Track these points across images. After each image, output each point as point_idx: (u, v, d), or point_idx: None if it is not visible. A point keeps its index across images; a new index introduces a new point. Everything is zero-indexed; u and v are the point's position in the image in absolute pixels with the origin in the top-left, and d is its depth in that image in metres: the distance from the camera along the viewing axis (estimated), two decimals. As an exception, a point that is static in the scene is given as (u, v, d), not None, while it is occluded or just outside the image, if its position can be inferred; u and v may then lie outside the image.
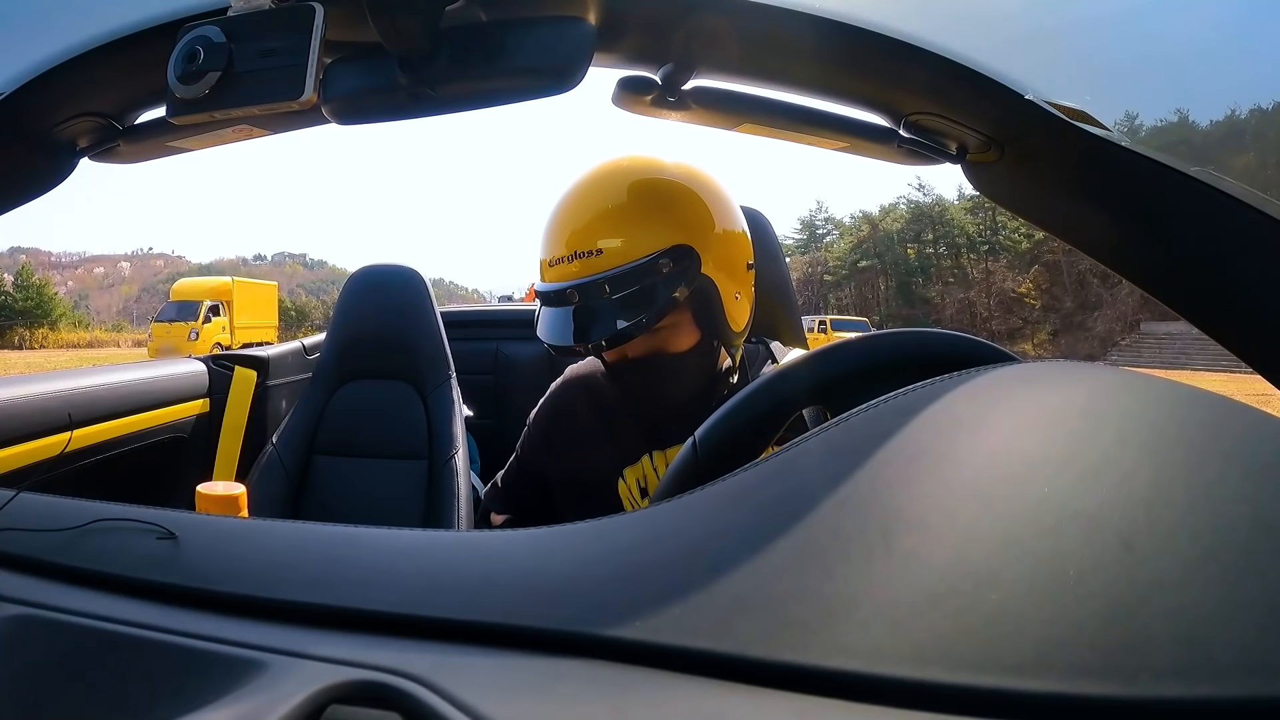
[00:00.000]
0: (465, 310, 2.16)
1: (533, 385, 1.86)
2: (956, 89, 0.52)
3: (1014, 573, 0.20)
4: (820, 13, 0.47)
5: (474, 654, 0.23)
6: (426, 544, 0.30)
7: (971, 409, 0.27)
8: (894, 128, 0.60)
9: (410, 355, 1.39)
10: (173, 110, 0.44)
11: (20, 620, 0.27)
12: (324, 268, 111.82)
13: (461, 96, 0.50)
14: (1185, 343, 23.28)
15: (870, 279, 41.26)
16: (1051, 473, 0.23)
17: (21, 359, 20.52)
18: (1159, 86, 0.48)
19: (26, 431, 0.97)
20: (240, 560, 0.30)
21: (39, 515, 0.33)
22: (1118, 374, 0.29)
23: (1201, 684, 0.17)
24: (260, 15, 0.43)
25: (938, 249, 39.79)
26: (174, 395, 1.30)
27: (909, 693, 0.18)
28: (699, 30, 0.52)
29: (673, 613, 0.22)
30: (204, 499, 0.55)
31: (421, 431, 1.34)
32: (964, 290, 37.34)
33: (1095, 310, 31.98)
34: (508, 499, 0.89)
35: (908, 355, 0.42)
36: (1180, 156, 0.44)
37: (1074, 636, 0.18)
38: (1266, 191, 0.42)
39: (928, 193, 40.65)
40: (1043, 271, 34.77)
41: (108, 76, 0.56)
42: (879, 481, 0.24)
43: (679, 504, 0.27)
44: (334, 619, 0.25)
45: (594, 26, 0.48)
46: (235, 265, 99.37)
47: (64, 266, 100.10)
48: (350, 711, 0.21)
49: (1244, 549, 0.19)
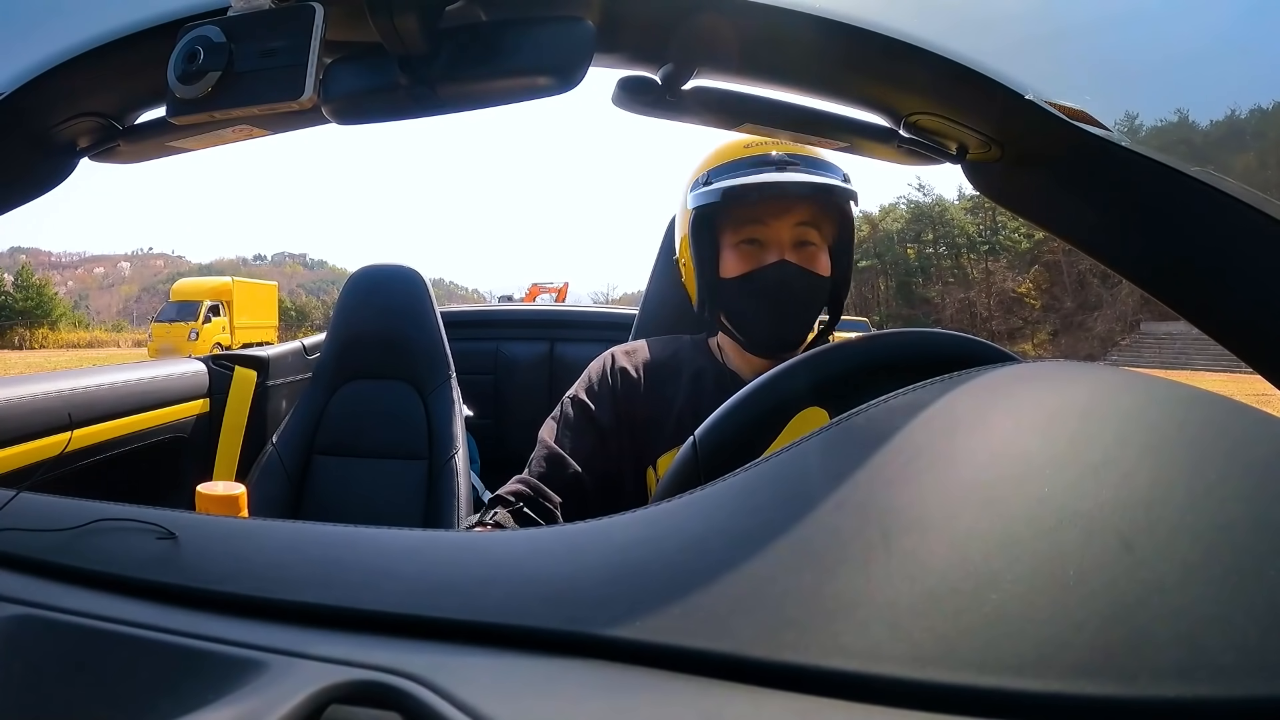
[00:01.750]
0: (465, 310, 2.16)
1: (533, 385, 1.86)
2: (956, 89, 0.52)
3: (1014, 573, 0.20)
4: (820, 13, 0.47)
5: (474, 654, 0.23)
6: (426, 544, 0.30)
7: (971, 409, 0.27)
8: (894, 128, 0.60)
9: (410, 355, 1.39)
10: (173, 110, 0.44)
11: (20, 620, 0.27)
12: (324, 268, 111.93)
13: (461, 96, 0.50)
14: (1185, 343, 23.27)
15: (870, 279, 41.25)
16: (1051, 473, 0.23)
17: (21, 359, 20.52)
18: (1159, 86, 0.48)
19: (26, 431, 0.97)
20: (240, 560, 0.30)
21: (39, 515, 0.33)
22: (1118, 374, 0.29)
23: (1201, 684, 0.17)
24: (260, 15, 0.43)
25: (938, 249, 39.78)
26: (174, 395, 1.30)
27: (909, 693, 0.18)
28: (699, 30, 0.52)
29: (673, 613, 0.22)
30: (204, 499, 0.55)
31: (421, 431, 1.34)
32: (964, 290, 37.33)
33: (1095, 310, 31.98)
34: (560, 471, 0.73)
35: (908, 355, 0.42)
36: (1180, 156, 0.44)
37: (1074, 636, 0.18)
38: (1266, 191, 0.42)
39: (928, 193, 40.69)
40: (1043, 271, 34.77)
41: (108, 76, 0.56)
42: (879, 481, 0.24)
43: (679, 504, 0.27)
44: (334, 619, 0.25)
45: (594, 26, 0.48)
46: (235, 265, 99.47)
47: (64, 266, 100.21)
48: (350, 711, 0.21)
49: (1244, 549, 0.19)
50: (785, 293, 0.73)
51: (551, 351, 1.90)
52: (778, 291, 0.73)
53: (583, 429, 0.76)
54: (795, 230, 0.74)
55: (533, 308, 2.21)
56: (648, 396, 0.78)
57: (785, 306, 0.74)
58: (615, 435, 0.76)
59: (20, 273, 36.95)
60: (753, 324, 0.75)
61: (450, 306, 2.06)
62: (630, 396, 0.78)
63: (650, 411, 0.77)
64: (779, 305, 0.74)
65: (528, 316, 2.06)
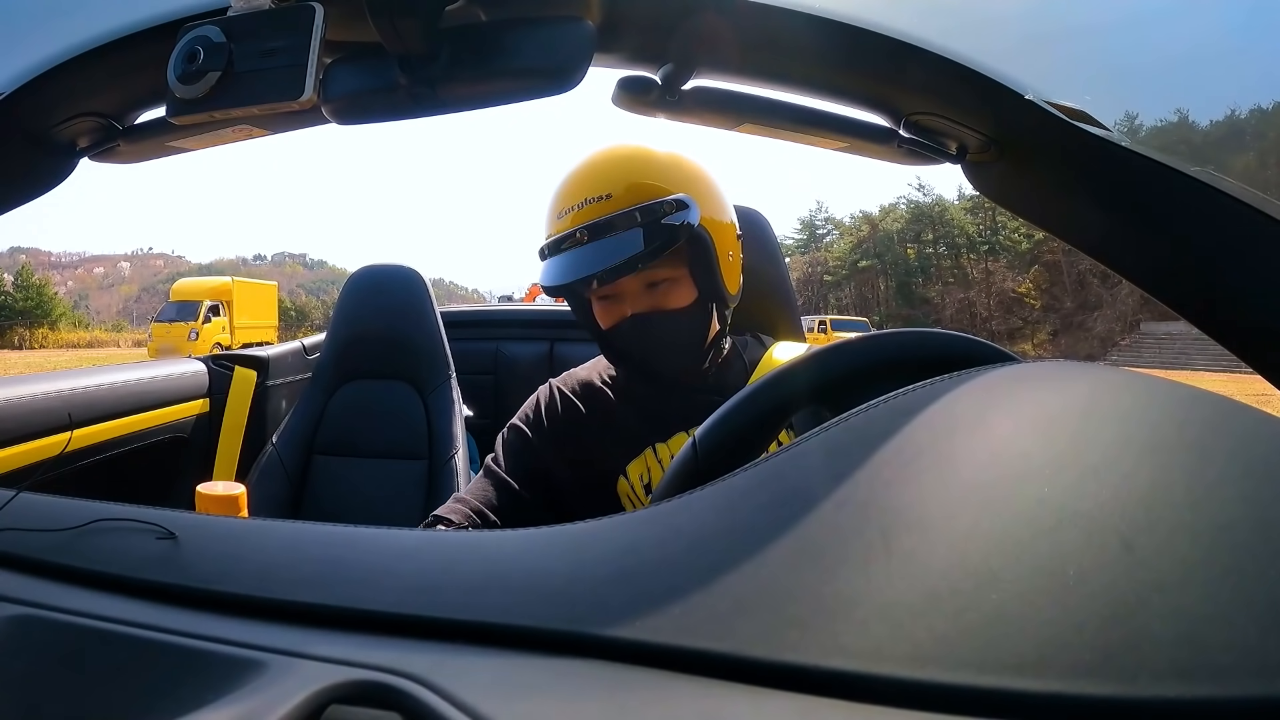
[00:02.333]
0: (465, 310, 2.16)
1: (533, 385, 1.85)
2: (956, 89, 0.52)
3: (1014, 573, 0.20)
4: (820, 13, 0.47)
5: (474, 654, 0.23)
6: (426, 544, 0.30)
7: (971, 409, 0.27)
8: (894, 128, 0.60)
9: (410, 355, 1.39)
10: (173, 110, 0.44)
11: (20, 620, 0.27)
12: (324, 268, 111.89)
13: (461, 96, 0.50)
14: (1185, 343, 23.27)
15: (870, 279, 41.26)
16: (1051, 473, 0.23)
17: (21, 359, 20.52)
18: (1159, 87, 0.48)
19: (26, 431, 0.97)
20: (240, 560, 0.30)
21: (39, 515, 0.33)
22: (1118, 374, 0.29)
23: (1201, 684, 0.17)
24: (260, 15, 0.43)
25: (938, 249, 39.79)
26: (174, 395, 1.30)
27: (909, 693, 0.18)
28: (699, 30, 0.52)
29: (673, 613, 0.22)
30: (204, 499, 0.55)
31: (421, 431, 1.34)
32: (964, 290, 37.34)
33: (1095, 310, 31.98)
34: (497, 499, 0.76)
35: (908, 355, 0.42)
36: (1180, 156, 0.44)
37: (1074, 636, 0.18)
38: (1266, 191, 0.42)
39: (928, 193, 40.70)
40: (1043, 271, 34.78)
41: (108, 76, 0.56)
42: (879, 481, 0.24)
43: (679, 504, 0.27)
44: (334, 619, 0.25)
45: (594, 26, 0.48)
46: (235, 265, 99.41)
47: (64, 266, 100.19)
48: (350, 711, 0.21)
49: (1244, 549, 0.19)
50: (647, 342, 0.74)
51: (551, 351, 1.90)
52: (641, 342, 0.74)
53: (520, 454, 0.79)
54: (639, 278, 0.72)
55: (533, 308, 2.21)
56: (592, 416, 0.79)
57: (652, 353, 0.74)
58: (559, 461, 0.78)
59: (20, 273, 36.96)
60: (637, 370, 0.78)
61: (450, 306, 2.06)
62: (573, 419, 0.80)
63: (599, 428, 0.78)
64: (646, 354, 0.75)
65: (528, 316, 2.06)
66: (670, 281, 0.73)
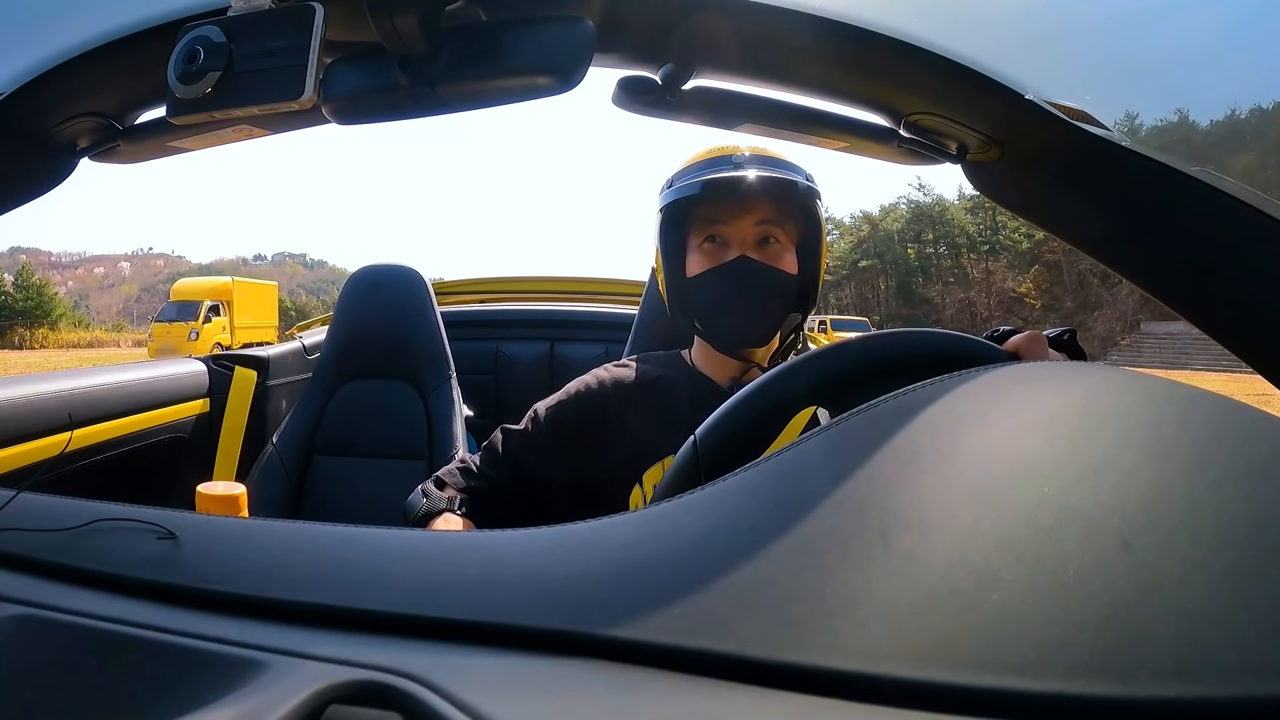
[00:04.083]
0: (465, 310, 2.15)
1: (533, 385, 1.85)
2: (956, 89, 0.52)
3: (1014, 573, 0.20)
4: (820, 13, 0.47)
5: (474, 654, 0.23)
6: (426, 544, 0.30)
7: (971, 409, 0.27)
8: (894, 128, 0.60)
9: (410, 355, 1.39)
10: (173, 110, 0.44)
11: (20, 620, 0.27)
12: (324, 268, 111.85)
13: (461, 96, 0.50)
14: (1185, 343, 23.26)
15: (870, 279, 41.24)
16: (1051, 473, 0.23)
17: (21, 359, 20.52)
18: (1159, 86, 0.48)
19: (26, 431, 0.97)
20: (240, 560, 0.30)
21: (39, 515, 0.33)
22: (1118, 374, 0.29)
23: (1201, 684, 0.17)
24: (260, 15, 0.43)
25: (938, 249, 39.77)
26: (174, 395, 1.30)
27: (909, 693, 0.18)
28: (699, 30, 0.52)
29: (673, 613, 0.22)
30: (204, 499, 0.55)
31: (421, 431, 1.34)
32: (964, 290, 37.33)
33: (1095, 310, 31.97)
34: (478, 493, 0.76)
35: (908, 355, 0.42)
36: (1180, 156, 0.44)
37: (1074, 636, 0.18)
38: (1266, 191, 0.42)
39: (928, 193, 40.67)
40: (1043, 271, 34.77)
41: (108, 76, 0.56)
42: (879, 481, 0.24)
43: (679, 504, 0.27)
44: (334, 619, 0.25)
45: (594, 26, 0.48)
46: (235, 265, 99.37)
47: (64, 266, 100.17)
48: (350, 711, 0.21)
49: (1244, 549, 0.19)
50: (747, 288, 0.73)
51: (551, 351, 1.90)
52: (739, 287, 0.73)
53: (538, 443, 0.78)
54: (757, 228, 0.74)
55: (533, 308, 2.20)
56: (625, 417, 0.78)
57: (747, 302, 0.74)
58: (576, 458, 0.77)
59: (20, 273, 36.97)
60: (716, 320, 0.76)
61: (450, 306, 2.06)
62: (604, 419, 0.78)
63: (629, 431, 0.77)
64: (741, 301, 0.74)
65: (528, 316, 2.06)
66: (781, 246, 0.76)
